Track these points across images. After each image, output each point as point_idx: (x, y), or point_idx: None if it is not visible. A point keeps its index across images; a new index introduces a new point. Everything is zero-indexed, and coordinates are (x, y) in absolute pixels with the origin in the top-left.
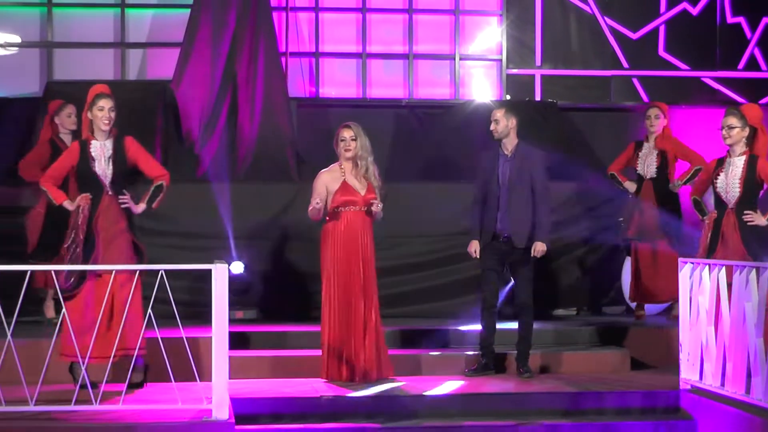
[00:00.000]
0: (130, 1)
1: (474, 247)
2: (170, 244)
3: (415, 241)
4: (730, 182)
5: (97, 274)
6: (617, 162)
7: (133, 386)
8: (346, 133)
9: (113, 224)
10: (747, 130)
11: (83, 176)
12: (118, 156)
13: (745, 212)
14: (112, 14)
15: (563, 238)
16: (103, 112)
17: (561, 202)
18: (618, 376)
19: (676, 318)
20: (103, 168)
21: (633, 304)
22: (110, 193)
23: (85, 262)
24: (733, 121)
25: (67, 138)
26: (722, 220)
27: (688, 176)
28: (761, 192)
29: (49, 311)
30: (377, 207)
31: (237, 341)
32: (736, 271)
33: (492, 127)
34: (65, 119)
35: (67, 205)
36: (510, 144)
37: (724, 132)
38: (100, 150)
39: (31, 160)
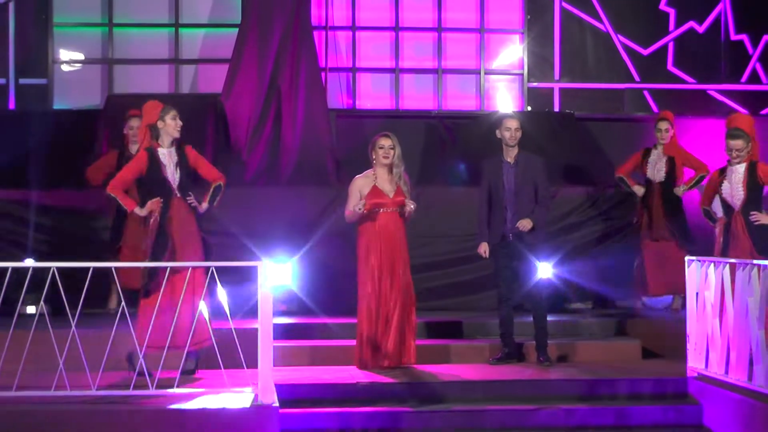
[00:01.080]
0: (184, 21)
1: (483, 249)
2: (221, 243)
3: (440, 241)
4: (735, 187)
5: (175, 271)
6: (625, 167)
7: (186, 373)
8: (385, 142)
9: (185, 225)
10: (750, 145)
11: (154, 182)
12: (183, 162)
13: (751, 213)
14: (167, 33)
15: (578, 239)
16: (176, 121)
17: (577, 205)
18: (630, 364)
19: (677, 311)
20: (172, 173)
21: (648, 299)
22: (178, 196)
23: (157, 261)
24: (740, 144)
25: (134, 147)
26: (731, 224)
27: (693, 182)
28: (763, 193)
29: (112, 303)
30: (410, 207)
31: (280, 332)
32: (739, 268)
33: (508, 135)
34: (128, 132)
35: (138, 211)
36: (513, 152)
37: (733, 154)
38: (168, 157)
39: (98, 167)
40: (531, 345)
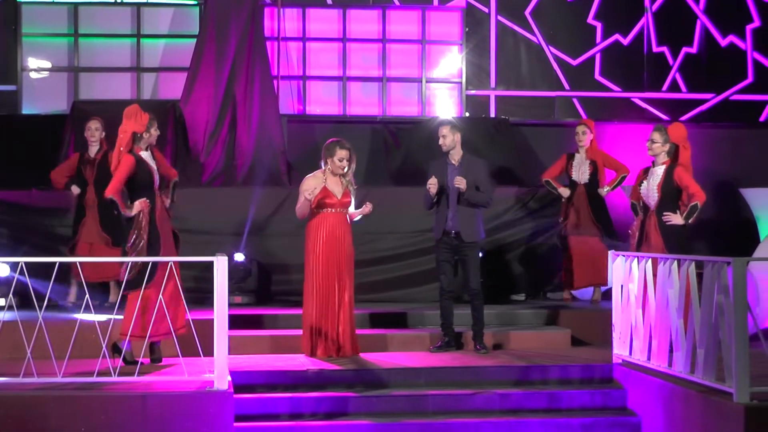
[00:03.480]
0: (145, 32)
1: (432, 181)
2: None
3: (387, 237)
4: (651, 188)
5: (162, 265)
6: (551, 170)
7: (155, 361)
8: (344, 154)
9: (165, 221)
10: (668, 146)
11: (143, 185)
12: (157, 164)
13: (665, 213)
14: (129, 43)
15: (513, 234)
16: (157, 131)
17: (510, 205)
18: (560, 352)
19: (597, 302)
20: (155, 174)
21: (575, 292)
22: (159, 195)
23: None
24: (656, 136)
25: (93, 149)
26: (645, 222)
27: (615, 183)
28: (683, 195)
29: (71, 296)
30: (368, 209)
31: (235, 322)
32: (660, 262)
33: (441, 141)
34: (86, 133)
35: (127, 212)
36: (457, 155)
37: (647, 144)
38: (149, 160)
39: (61, 170)
40: (469, 334)
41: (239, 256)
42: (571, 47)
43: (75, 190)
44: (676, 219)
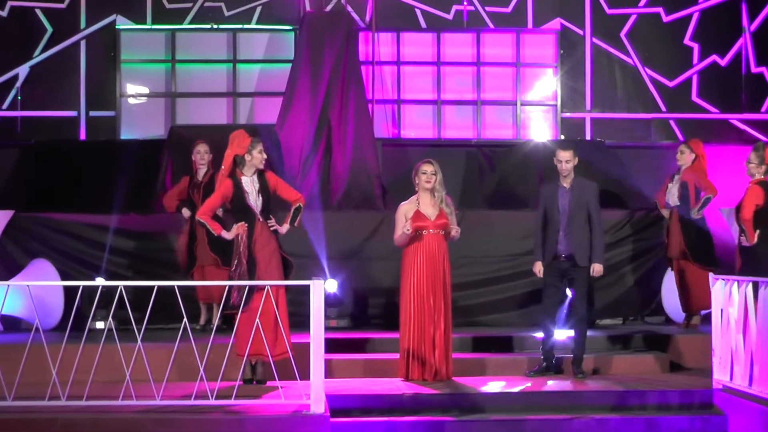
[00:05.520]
0: (241, 57)
1: (538, 268)
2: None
3: (482, 261)
4: None
5: (260, 289)
6: (660, 191)
7: (260, 382)
8: (428, 168)
9: (267, 246)
10: (763, 167)
11: (239, 209)
12: (264, 188)
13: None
14: (225, 68)
15: (610, 258)
16: (261, 154)
17: (609, 227)
18: (659, 377)
19: (695, 327)
20: (255, 199)
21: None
22: (261, 220)
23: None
24: (751, 157)
25: (201, 172)
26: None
27: (700, 205)
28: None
29: (201, 319)
30: (455, 232)
31: (331, 346)
32: (761, 286)
33: (563, 166)
34: (195, 156)
35: (225, 234)
36: (569, 178)
37: (745, 164)
38: (251, 185)
39: (171, 194)
40: (568, 359)
41: (332, 286)
42: (667, 69)
43: (186, 213)
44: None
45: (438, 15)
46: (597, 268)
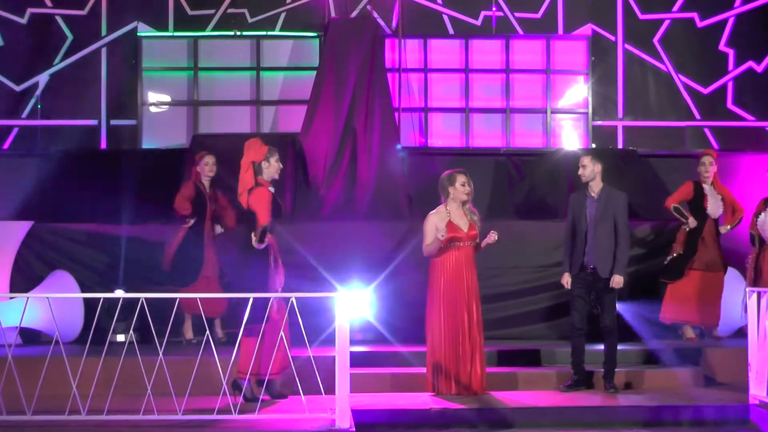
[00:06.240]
0: (264, 65)
1: (566, 280)
2: (298, 275)
3: (511, 272)
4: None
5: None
6: (677, 196)
7: (281, 396)
8: (465, 178)
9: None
10: None
11: (274, 220)
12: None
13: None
14: (248, 76)
15: (643, 269)
16: (278, 163)
17: (640, 238)
18: (692, 391)
19: (720, 339)
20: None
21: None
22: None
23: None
24: None
25: (206, 183)
26: (760, 255)
27: (735, 223)
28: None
29: (188, 333)
30: (494, 237)
31: (356, 359)
32: None
33: (580, 172)
34: (204, 168)
35: (256, 244)
36: (596, 187)
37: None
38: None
39: (181, 196)
40: (599, 373)
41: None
42: (701, 75)
43: (190, 222)
44: None
45: (466, 21)
46: (617, 280)
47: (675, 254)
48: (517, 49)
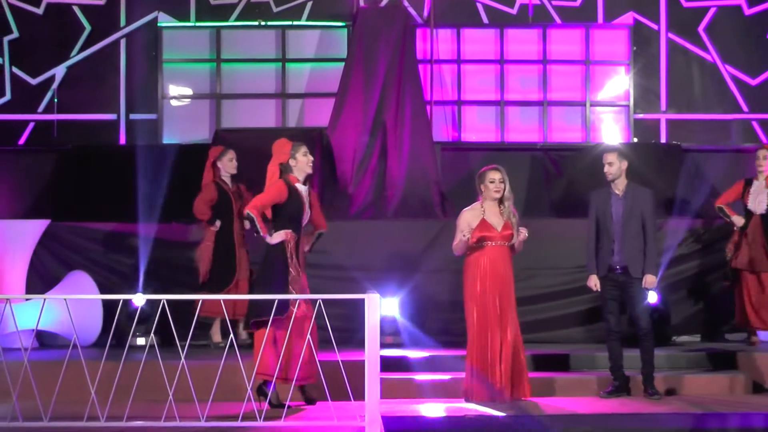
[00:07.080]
0: (290, 56)
1: (593, 282)
2: (325, 276)
3: (547, 273)
4: None
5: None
6: (725, 196)
7: (309, 402)
8: (496, 176)
9: (303, 260)
10: None
11: (290, 215)
12: (310, 203)
13: None
14: (273, 68)
15: (685, 270)
16: (307, 156)
17: (682, 238)
18: (739, 398)
19: (755, 345)
20: (306, 210)
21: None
22: (302, 234)
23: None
24: None
25: (227, 179)
26: None
27: None
28: None
29: (216, 336)
30: (524, 234)
31: (386, 364)
32: None
33: (606, 169)
34: (227, 163)
35: (269, 239)
36: (621, 184)
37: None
38: (305, 194)
39: (201, 200)
40: (639, 378)
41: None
42: (749, 65)
43: (218, 225)
44: None
45: (501, 9)
46: (649, 280)
47: (729, 255)
48: (554, 39)
